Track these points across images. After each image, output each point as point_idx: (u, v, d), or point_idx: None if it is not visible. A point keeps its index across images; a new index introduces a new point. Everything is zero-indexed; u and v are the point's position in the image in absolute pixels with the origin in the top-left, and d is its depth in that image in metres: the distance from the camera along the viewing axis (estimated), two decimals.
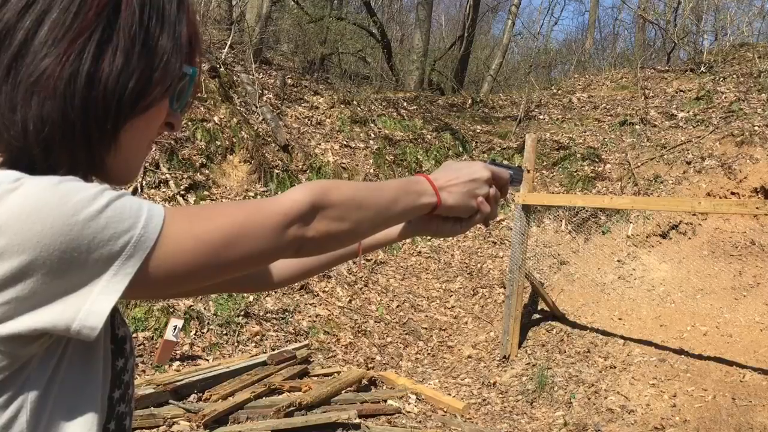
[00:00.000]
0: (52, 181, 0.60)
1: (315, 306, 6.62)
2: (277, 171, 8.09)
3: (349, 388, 5.08)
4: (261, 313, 6.11)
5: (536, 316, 6.76)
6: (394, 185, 0.86)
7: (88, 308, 0.60)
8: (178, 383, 4.51)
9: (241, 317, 5.89)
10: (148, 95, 0.70)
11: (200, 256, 0.66)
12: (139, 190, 6.51)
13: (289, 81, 10.16)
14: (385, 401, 5.03)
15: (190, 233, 0.66)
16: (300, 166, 8.53)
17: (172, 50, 0.72)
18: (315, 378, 5.30)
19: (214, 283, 0.74)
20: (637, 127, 9.30)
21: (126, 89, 0.68)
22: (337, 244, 0.80)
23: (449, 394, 5.54)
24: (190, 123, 7.57)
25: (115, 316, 0.75)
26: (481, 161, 1.02)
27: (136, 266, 0.61)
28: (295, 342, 5.90)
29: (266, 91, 9.42)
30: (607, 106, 10.53)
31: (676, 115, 9.24)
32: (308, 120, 9.48)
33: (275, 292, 6.54)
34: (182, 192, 6.88)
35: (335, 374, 5.33)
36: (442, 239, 8.55)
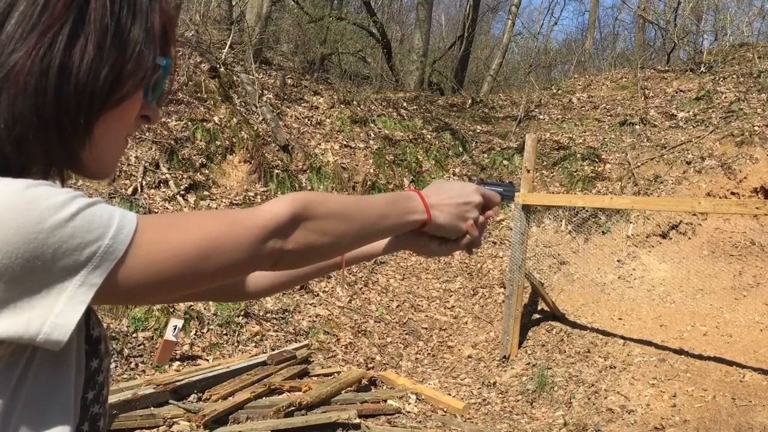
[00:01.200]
0: (21, 185, 0.58)
1: (315, 306, 6.62)
2: (277, 171, 8.09)
3: (349, 388, 5.08)
4: (261, 313, 6.11)
5: (536, 316, 6.76)
6: (384, 199, 0.85)
7: (53, 321, 0.58)
8: (178, 383, 4.51)
9: (241, 317, 5.89)
10: (121, 88, 0.68)
11: (172, 268, 0.65)
12: (139, 189, 6.51)
13: (289, 81, 10.16)
14: (385, 401, 5.03)
15: (162, 245, 0.64)
16: (300, 166, 8.53)
17: (145, 41, 0.69)
18: (315, 378, 5.30)
19: (188, 293, 0.73)
20: (637, 127, 9.30)
21: (98, 82, 0.66)
22: (317, 257, 0.79)
23: (449, 394, 5.54)
24: (190, 123, 7.57)
25: (90, 315, 0.73)
26: (473, 183, 1.01)
27: (102, 276, 0.60)
28: (295, 342, 5.90)
29: (266, 91, 9.42)
30: (607, 106, 10.52)
31: (676, 115, 9.24)
32: (308, 120, 9.48)
33: None
34: (182, 192, 6.88)
35: (335, 374, 5.33)
36: None
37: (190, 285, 0.68)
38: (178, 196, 6.76)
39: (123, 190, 6.39)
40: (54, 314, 0.58)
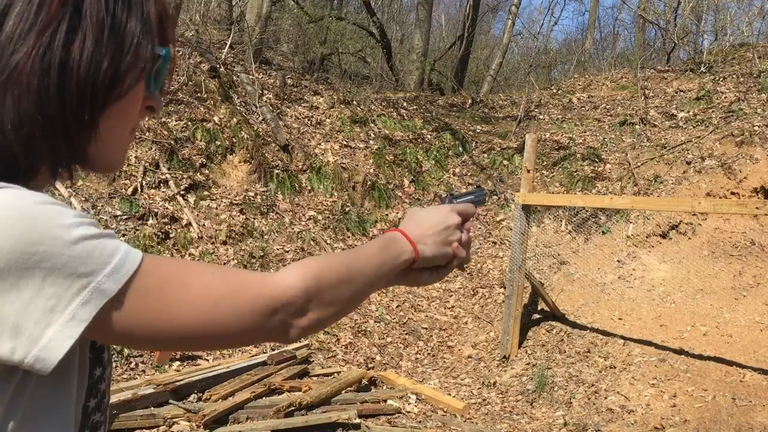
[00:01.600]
0: (28, 200, 0.58)
1: None
2: (277, 171, 8.09)
3: (349, 388, 5.08)
4: None
5: (536, 316, 6.76)
6: (376, 248, 0.85)
7: (36, 354, 0.57)
8: (178, 383, 4.51)
9: None
10: (122, 81, 0.67)
11: (163, 326, 0.63)
12: (139, 189, 6.51)
13: (289, 81, 10.16)
14: (385, 401, 5.03)
15: (158, 295, 0.62)
16: (300, 166, 8.53)
17: (142, 32, 0.69)
18: (315, 378, 5.30)
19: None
20: (637, 127, 9.30)
21: (99, 77, 0.65)
22: (323, 327, 0.78)
23: (449, 394, 5.54)
24: (190, 123, 7.57)
25: None
26: (444, 201, 1.02)
27: (91, 313, 0.58)
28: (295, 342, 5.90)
29: (266, 91, 9.42)
30: (607, 106, 10.52)
31: (676, 115, 9.24)
32: (308, 120, 9.48)
33: None
34: (182, 192, 6.88)
35: (335, 374, 5.33)
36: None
37: (179, 346, 0.65)
38: (178, 196, 6.76)
39: (123, 190, 6.39)
40: (39, 347, 0.57)
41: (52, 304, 0.57)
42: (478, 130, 10.93)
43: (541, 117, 10.89)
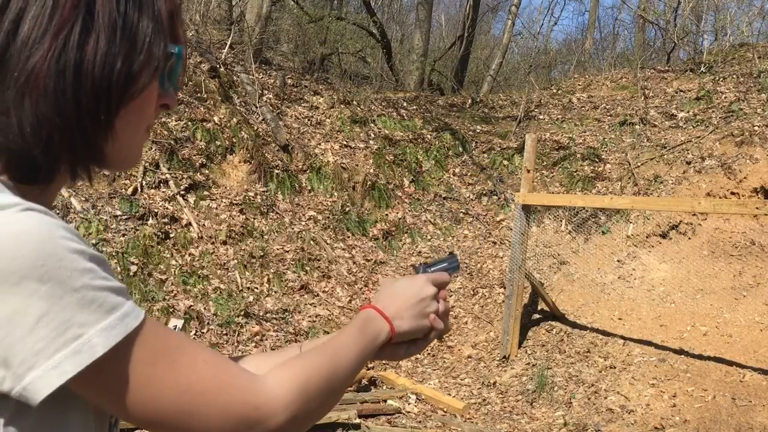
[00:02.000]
0: (49, 233, 0.58)
1: (315, 306, 6.62)
2: (277, 171, 8.09)
3: (349, 388, 5.07)
4: (261, 313, 6.11)
5: (536, 316, 6.76)
6: (353, 336, 0.84)
7: (18, 392, 0.56)
8: None
9: (241, 317, 5.89)
10: (136, 80, 0.68)
11: (141, 400, 0.62)
12: (139, 190, 6.51)
13: (289, 81, 10.16)
14: (385, 401, 5.03)
15: (143, 374, 0.61)
16: (300, 166, 8.53)
17: (154, 31, 0.69)
18: None
19: None
20: (637, 127, 9.30)
21: (113, 77, 0.66)
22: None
23: (449, 394, 5.54)
24: (190, 123, 7.57)
25: None
26: (415, 267, 1.02)
27: (75, 368, 0.57)
28: (295, 342, 5.90)
29: (266, 91, 9.42)
30: (607, 106, 10.52)
31: (676, 115, 9.24)
32: (308, 120, 9.48)
33: (275, 291, 6.54)
34: (182, 192, 6.88)
35: None
36: (442, 241, 8.55)
37: (148, 425, 0.64)
38: (178, 196, 6.76)
39: (123, 190, 6.39)
40: (21, 386, 0.56)
41: (40, 347, 0.56)
42: (478, 130, 10.93)
43: (541, 117, 10.89)
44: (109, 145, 0.69)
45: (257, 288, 6.44)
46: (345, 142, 9.36)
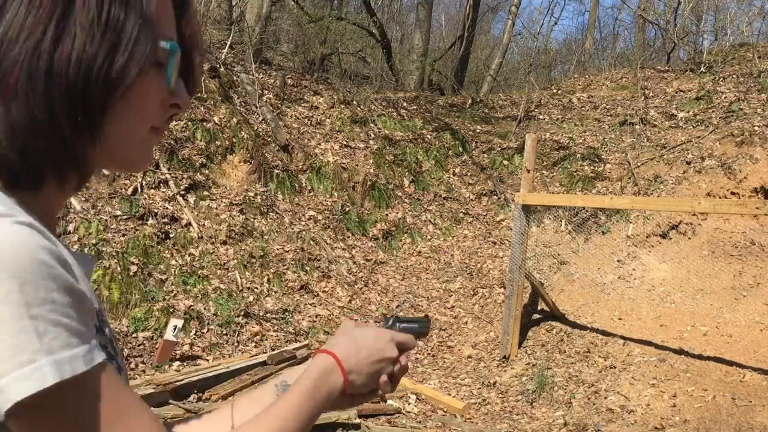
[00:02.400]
0: (30, 250, 0.55)
1: (315, 306, 6.62)
2: (277, 171, 8.09)
3: None
4: (261, 313, 6.11)
5: (536, 316, 6.76)
6: (308, 392, 0.83)
7: None
8: (178, 383, 4.51)
9: (241, 317, 5.89)
10: (120, 80, 0.64)
11: None
12: (139, 190, 6.51)
13: (289, 81, 10.16)
14: (385, 401, 5.03)
15: (85, 424, 0.57)
16: (300, 166, 8.54)
17: (141, 27, 0.65)
18: None
19: None
20: (637, 127, 9.30)
21: (91, 77, 0.62)
22: None
23: (449, 394, 5.54)
24: (190, 123, 7.57)
25: (101, 314, 0.69)
26: (386, 318, 1.00)
27: (16, 396, 0.53)
28: (295, 342, 5.90)
29: (266, 91, 9.42)
30: (607, 106, 10.52)
31: (676, 115, 9.24)
32: (308, 120, 9.48)
33: (275, 291, 6.54)
34: (182, 192, 6.88)
35: None
36: (442, 241, 8.55)
37: None
38: (177, 196, 6.76)
39: (123, 190, 6.39)
40: None
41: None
42: (478, 130, 10.93)
43: (541, 117, 10.90)
44: (96, 150, 0.65)
45: (257, 288, 6.44)
46: (345, 142, 9.36)
